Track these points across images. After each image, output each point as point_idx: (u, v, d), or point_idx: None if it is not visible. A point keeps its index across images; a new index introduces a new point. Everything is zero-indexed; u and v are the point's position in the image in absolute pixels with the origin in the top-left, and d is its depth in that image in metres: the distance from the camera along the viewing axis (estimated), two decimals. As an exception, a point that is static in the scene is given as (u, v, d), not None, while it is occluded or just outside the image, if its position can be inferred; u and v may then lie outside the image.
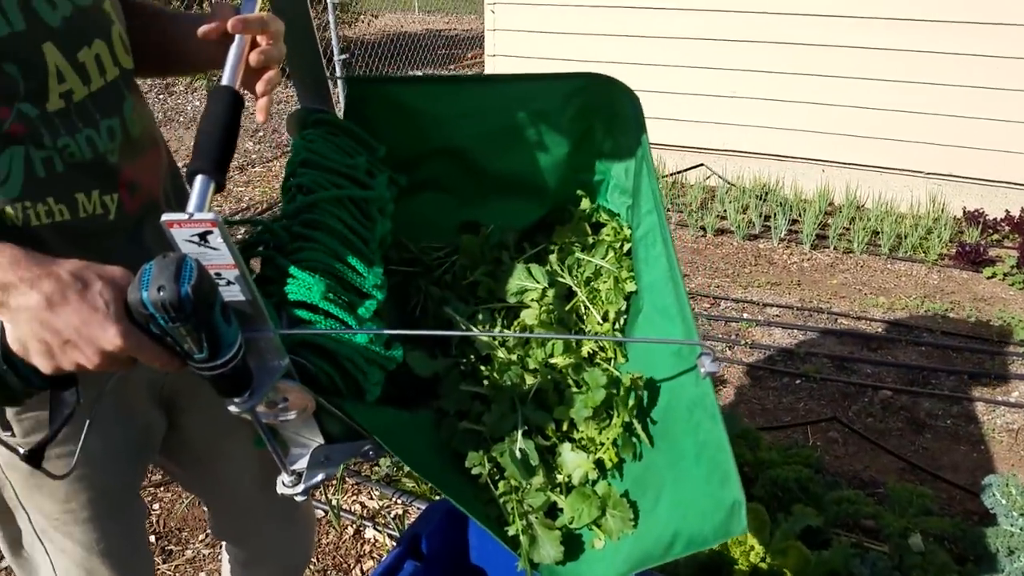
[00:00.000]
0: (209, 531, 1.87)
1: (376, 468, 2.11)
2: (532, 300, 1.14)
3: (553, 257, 1.20)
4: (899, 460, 2.17)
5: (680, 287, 0.98)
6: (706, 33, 3.90)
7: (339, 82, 4.47)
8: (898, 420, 2.36)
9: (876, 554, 1.74)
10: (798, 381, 2.55)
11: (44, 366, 0.69)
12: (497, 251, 1.19)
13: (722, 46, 3.89)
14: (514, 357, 1.09)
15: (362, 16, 8.40)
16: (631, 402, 1.00)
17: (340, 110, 1.11)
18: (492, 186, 1.24)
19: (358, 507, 2.01)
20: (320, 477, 0.90)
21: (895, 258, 3.40)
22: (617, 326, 1.16)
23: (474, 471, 1.01)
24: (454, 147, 1.19)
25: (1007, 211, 3.55)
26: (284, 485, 0.89)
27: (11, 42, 0.75)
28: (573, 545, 1.03)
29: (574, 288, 1.18)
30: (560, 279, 1.18)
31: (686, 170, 4.16)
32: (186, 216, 0.67)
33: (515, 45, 4.44)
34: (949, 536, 1.80)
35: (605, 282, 1.16)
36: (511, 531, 1.00)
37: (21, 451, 0.78)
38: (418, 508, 1.96)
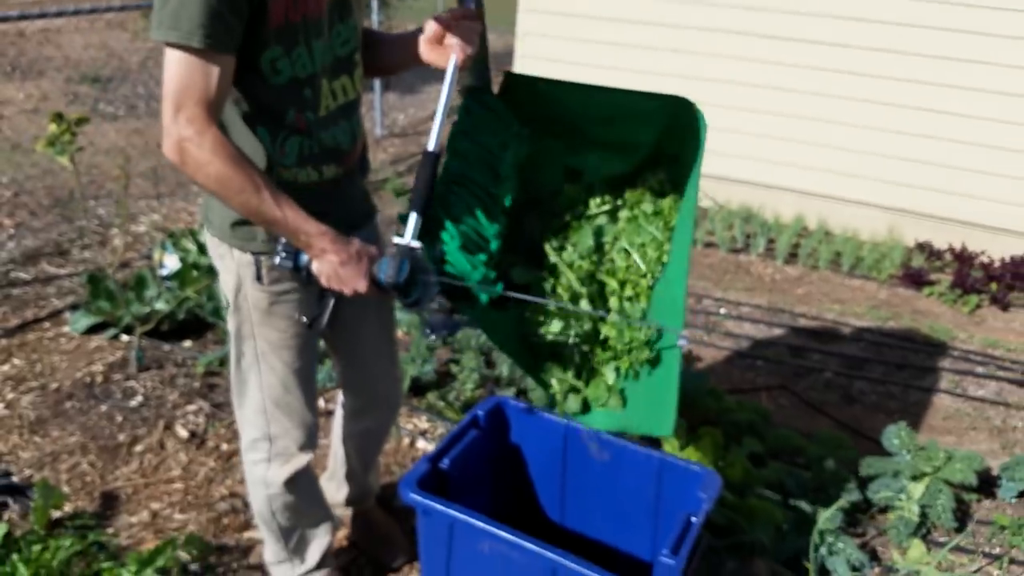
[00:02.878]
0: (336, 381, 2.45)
1: (425, 400, 2.70)
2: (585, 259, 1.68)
3: (623, 214, 1.67)
4: (832, 421, 2.78)
5: (685, 280, 1.49)
6: (708, 75, 4.54)
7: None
8: (835, 395, 2.98)
9: (800, 473, 2.34)
10: (759, 362, 3.16)
11: (327, 284, 1.36)
12: (588, 193, 1.69)
13: (722, 88, 4.54)
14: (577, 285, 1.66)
15: (394, 29, 9.03)
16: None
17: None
18: (592, 144, 1.71)
19: (411, 426, 2.60)
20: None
21: (853, 276, 4.04)
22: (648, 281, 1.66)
23: (548, 336, 1.59)
24: (571, 121, 1.66)
25: (950, 244, 4.19)
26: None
27: (310, 77, 1.37)
28: (587, 408, 1.64)
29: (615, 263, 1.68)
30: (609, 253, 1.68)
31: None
32: (405, 241, 1.33)
33: (541, 72, 5.06)
34: (854, 463, 2.40)
35: (650, 250, 1.64)
36: (553, 391, 1.60)
37: (298, 317, 1.45)
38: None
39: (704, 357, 3.17)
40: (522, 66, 5.11)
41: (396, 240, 1.34)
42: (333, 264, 1.33)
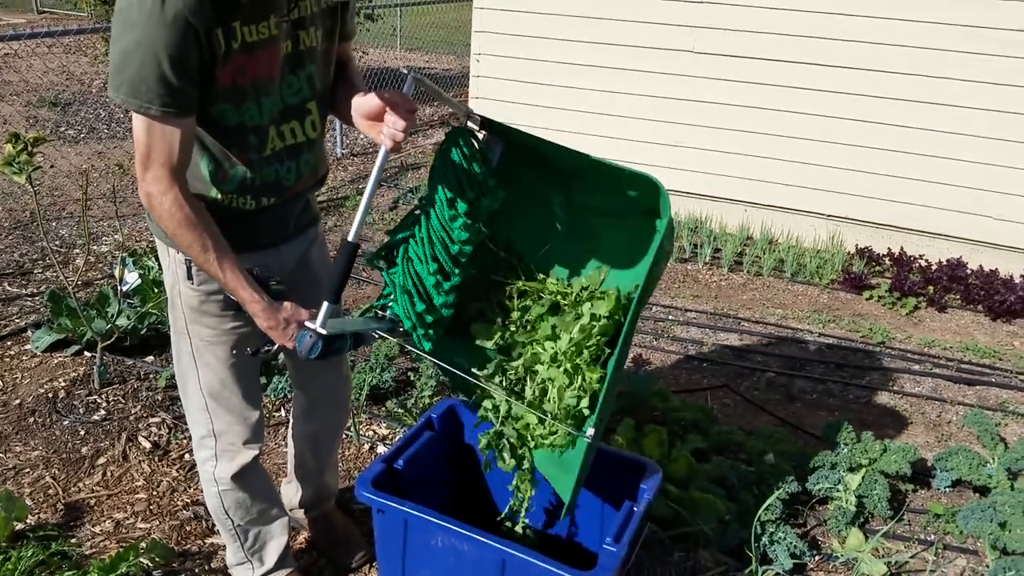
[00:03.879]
0: (289, 381, 2.52)
1: (384, 408, 2.78)
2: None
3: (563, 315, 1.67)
4: (774, 418, 2.92)
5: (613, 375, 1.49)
6: (656, 92, 4.72)
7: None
8: (777, 393, 3.12)
9: (741, 467, 2.47)
10: (704, 364, 3.30)
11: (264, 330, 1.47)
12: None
13: (671, 104, 4.72)
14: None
15: (353, 52, 9.09)
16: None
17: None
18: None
19: (371, 432, 2.68)
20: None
21: (795, 281, 4.22)
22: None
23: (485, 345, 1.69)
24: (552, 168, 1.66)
25: (889, 248, 4.40)
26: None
27: (256, 127, 1.46)
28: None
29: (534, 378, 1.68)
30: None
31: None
32: (316, 327, 1.43)
33: (497, 90, 5.21)
34: (795, 455, 2.53)
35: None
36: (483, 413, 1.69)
37: (249, 351, 1.56)
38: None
39: (652, 361, 3.30)
40: (477, 85, 5.25)
41: (307, 324, 1.45)
42: (262, 326, 1.48)
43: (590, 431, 1.48)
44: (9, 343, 3.13)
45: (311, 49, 1.51)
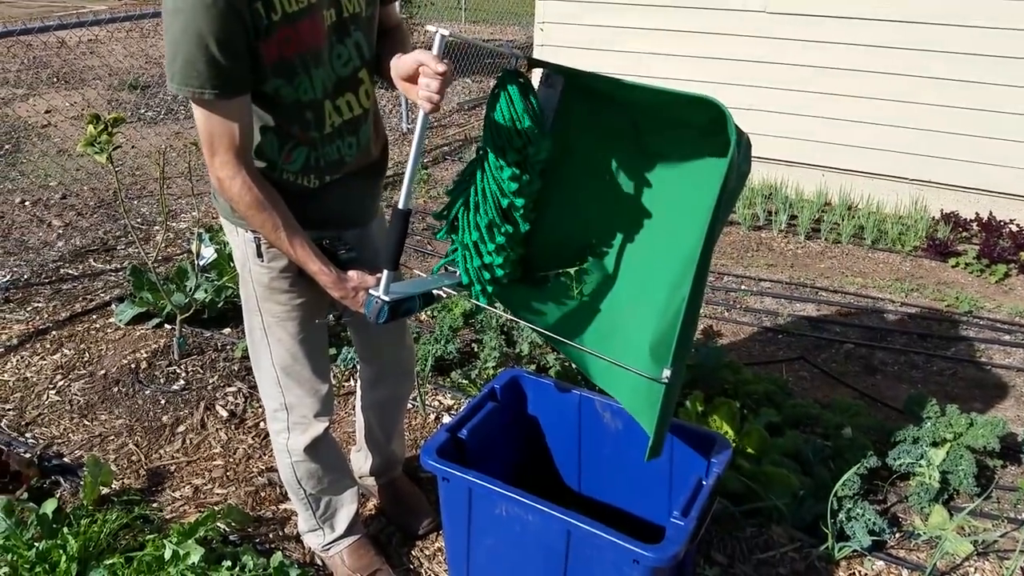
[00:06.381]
0: (355, 359, 2.61)
1: (449, 379, 2.79)
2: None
3: None
4: (852, 391, 2.80)
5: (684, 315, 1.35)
6: (727, 55, 4.55)
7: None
8: (856, 365, 2.99)
9: (817, 441, 2.38)
10: (779, 336, 3.19)
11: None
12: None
13: (742, 66, 4.53)
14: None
15: (417, 27, 9.12)
16: None
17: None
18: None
19: (437, 403, 2.70)
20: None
21: (876, 249, 4.02)
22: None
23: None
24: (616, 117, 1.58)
25: (977, 213, 4.14)
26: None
27: (312, 102, 1.47)
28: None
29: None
30: None
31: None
32: (379, 295, 1.47)
33: (561, 58, 5.10)
34: (874, 429, 2.43)
35: None
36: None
37: (330, 318, 1.57)
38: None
39: (724, 333, 3.21)
40: (541, 54, 5.16)
41: (372, 292, 1.50)
42: (334, 295, 1.56)
43: (665, 372, 1.41)
44: (95, 316, 3.28)
45: (355, 16, 1.50)
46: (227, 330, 3.15)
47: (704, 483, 1.67)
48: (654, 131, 1.59)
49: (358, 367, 2.05)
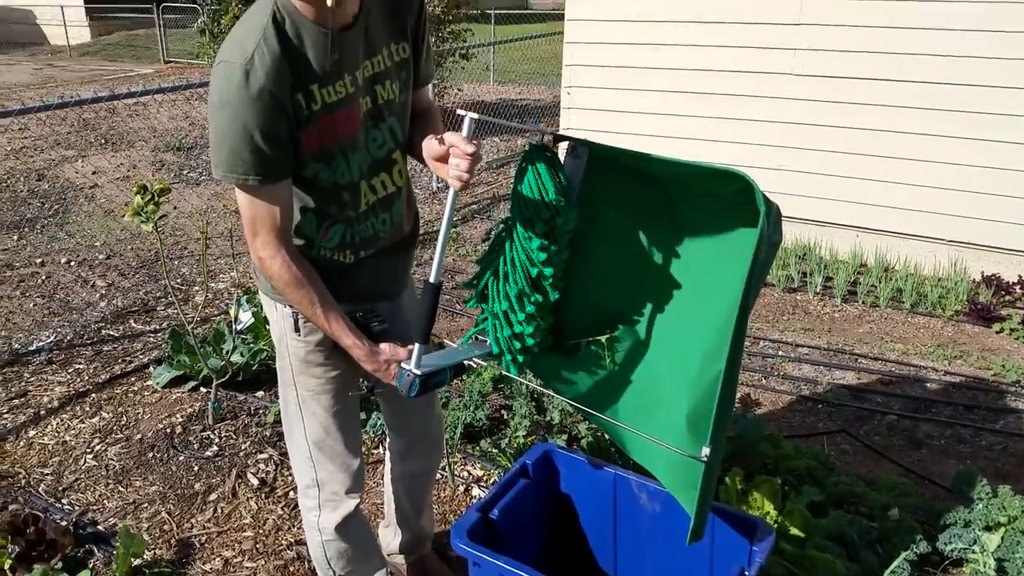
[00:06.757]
0: (384, 426, 2.54)
1: (479, 447, 2.76)
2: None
3: None
4: (897, 466, 2.70)
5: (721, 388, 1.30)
6: (756, 116, 4.57)
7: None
8: (900, 438, 2.90)
9: (863, 522, 2.29)
10: (819, 406, 3.10)
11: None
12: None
13: (771, 127, 4.55)
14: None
15: (448, 89, 9.33)
16: None
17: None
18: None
19: (466, 473, 2.67)
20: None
21: (916, 313, 3.93)
22: None
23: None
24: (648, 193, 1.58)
25: (1020, 276, 4.04)
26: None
27: (349, 184, 1.52)
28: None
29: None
30: None
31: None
32: (411, 368, 1.49)
33: (589, 121, 5.18)
34: (922, 510, 2.33)
35: None
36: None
37: (363, 388, 1.57)
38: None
39: (763, 402, 3.14)
40: (568, 117, 5.24)
41: (403, 366, 1.52)
42: (367, 368, 1.59)
43: (705, 450, 1.36)
44: (133, 378, 3.33)
45: (389, 102, 1.57)
46: (260, 392, 3.17)
47: (747, 573, 1.61)
48: (682, 201, 1.59)
49: (387, 437, 2.04)
